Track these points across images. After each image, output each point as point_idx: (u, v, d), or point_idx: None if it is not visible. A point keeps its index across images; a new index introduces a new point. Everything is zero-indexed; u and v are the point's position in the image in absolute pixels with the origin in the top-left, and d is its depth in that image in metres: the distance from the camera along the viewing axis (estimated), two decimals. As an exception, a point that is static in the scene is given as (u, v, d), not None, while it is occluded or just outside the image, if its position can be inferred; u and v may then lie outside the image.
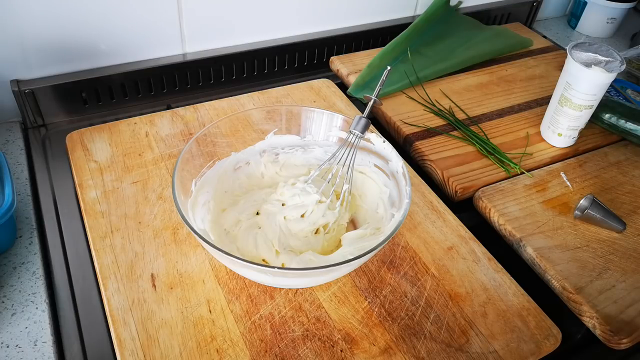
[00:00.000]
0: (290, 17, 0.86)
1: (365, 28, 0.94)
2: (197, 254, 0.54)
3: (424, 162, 0.71)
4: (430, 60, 0.87)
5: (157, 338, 0.47)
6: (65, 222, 0.60)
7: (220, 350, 0.46)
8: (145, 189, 0.61)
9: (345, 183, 0.57)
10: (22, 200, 0.62)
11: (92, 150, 0.65)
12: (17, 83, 0.70)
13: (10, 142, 0.71)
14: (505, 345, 0.49)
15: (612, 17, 1.10)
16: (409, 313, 0.51)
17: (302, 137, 0.62)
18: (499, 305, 0.52)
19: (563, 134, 0.73)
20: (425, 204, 0.63)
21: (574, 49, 0.68)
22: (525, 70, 0.92)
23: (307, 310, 0.50)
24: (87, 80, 0.74)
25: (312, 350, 0.47)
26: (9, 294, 0.52)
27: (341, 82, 0.86)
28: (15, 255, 0.56)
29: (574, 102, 0.69)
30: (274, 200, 0.56)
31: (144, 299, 0.50)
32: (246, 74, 0.87)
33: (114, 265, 0.52)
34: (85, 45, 0.73)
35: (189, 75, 0.81)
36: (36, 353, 0.48)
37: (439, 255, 0.57)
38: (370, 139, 0.59)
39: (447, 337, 0.49)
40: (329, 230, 0.55)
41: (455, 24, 0.96)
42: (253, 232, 0.53)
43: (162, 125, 0.70)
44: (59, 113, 0.75)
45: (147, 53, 0.78)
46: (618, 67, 0.65)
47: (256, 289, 0.52)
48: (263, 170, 0.62)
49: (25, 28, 0.68)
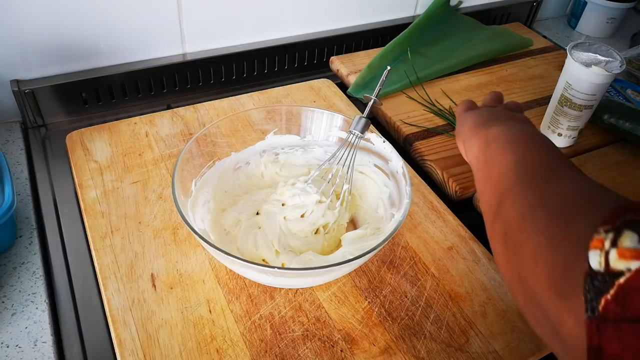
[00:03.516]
0: (290, 17, 0.86)
1: (365, 28, 0.94)
2: (197, 254, 0.54)
3: (424, 162, 0.71)
4: (430, 60, 0.87)
5: (157, 338, 0.47)
6: (65, 222, 0.60)
7: (220, 350, 0.46)
8: (145, 189, 0.61)
9: (345, 183, 0.57)
10: (22, 200, 0.62)
11: (92, 150, 0.65)
12: (17, 83, 0.70)
13: (10, 142, 0.71)
14: (505, 345, 0.49)
15: (612, 17, 1.10)
16: (409, 313, 0.51)
17: (302, 137, 0.62)
18: (499, 305, 0.52)
19: (563, 134, 0.73)
20: (425, 204, 0.63)
21: (574, 49, 0.68)
22: (525, 70, 0.92)
23: (307, 310, 0.50)
24: (87, 80, 0.74)
25: (312, 350, 0.47)
26: (9, 294, 0.52)
27: (341, 82, 0.86)
28: (15, 255, 0.56)
29: (574, 102, 0.69)
30: (274, 200, 0.56)
31: (144, 299, 0.50)
32: (246, 74, 0.87)
33: (114, 265, 0.52)
34: (85, 45, 0.73)
35: (189, 75, 0.81)
36: (36, 353, 0.48)
37: (439, 255, 0.57)
38: (370, 139, 0.59)
39: (447, 337, 0.49)
40: (329, 230, 0.55)
41: (455, 24, 0.96)
42: (253, 232, 0.53)
43: (162, 125, 0.70)
44: (59, 113, 0.75)
45: (147, 53, 0.78)
46: (618, 67, 0.65)
47: (256, 289, 0.52)
48: (263, 170, 0.62)
49: (25, 28, 0.68)
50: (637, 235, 0.23)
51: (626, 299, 0.22)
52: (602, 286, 0.24)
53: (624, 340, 0.22)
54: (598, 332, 0.23)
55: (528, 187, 0.37)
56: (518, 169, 0.39)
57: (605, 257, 0.24)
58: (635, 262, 0.23)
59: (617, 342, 0.22)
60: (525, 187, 0.37)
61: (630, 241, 0.23)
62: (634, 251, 0.23)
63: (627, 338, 0.22)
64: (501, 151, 0.42)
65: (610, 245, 0.24)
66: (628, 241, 0.24)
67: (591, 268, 0.25)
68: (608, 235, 0.24)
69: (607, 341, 0.23)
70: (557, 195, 0.34)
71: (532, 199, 0.35)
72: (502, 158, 0.41)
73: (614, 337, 0.23)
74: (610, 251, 0.24)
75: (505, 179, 0.39)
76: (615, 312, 0.23)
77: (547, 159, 0.40)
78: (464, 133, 0.51)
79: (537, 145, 0.42)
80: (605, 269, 0.24)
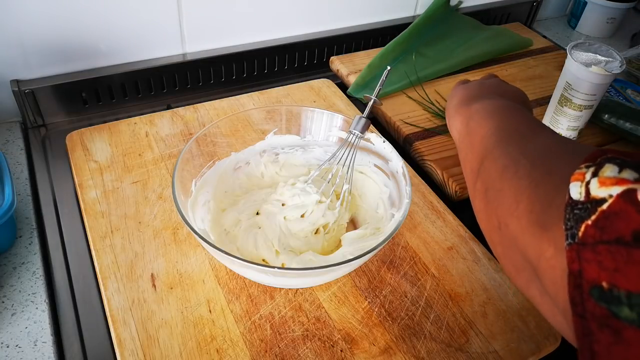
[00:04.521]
0: (290, 17, 0.86)
1: (365, 28, 0.94)
2: (197, 254, 0.54)
3: (423, 162, 0.71)
4: (430, 60, 0.87)
5: (157, 338, 0.47)
6: (65, 222, 0.60)
7: (220, 350, 0.46)
8: (145, 189, 0.61)
9: (345, 183, 0.57)
10: (22, 200, 0.62)
11: (92, 150, 0.65)
12: (17, 83, 0.70)
13: (10, 142, 0.71)
14: (505, 345, 0.49)
15: (612, 17, 1.10)
16: (409, 313, 0.51)
17: (302, 137, 0.62)
18: (499, 305, 0.52)
19: (563, 134, 0.73)
20: (425, 204, 0.63)
21: (574, 49, 0.68)
22: (525, 70, 0.92)
23: (307, 310, 0.50)
24: (87, 80, 0.74)
25: (312, 350, 0.47)
26: (9, 294, 0.52)
27: (341, 82, 0.86)
28: (15, 255, 0.56)
29: (574, 102, 0.69)
30: (274, 200, 0.56)
31: (144, 299, 0.50)
32: (246, 74, 0.87)
33: (114, 265, 0.52)
34: (85, 45, 0.73)
35: (189, 75, 0.81)
36: (36, 353, 0.48)
37: (439, 255, 0.57)
38: (370, 139, 0.59)
39: (447, 337, 0.49)
40: (329, 230, 0.55)
41: (455, 24, 0.96)
42: (253, 232, 0.53)
43: (162, 125, 0.70)
44: (59, 113, 0.75)
45: (147, 53, 0.78)
46: (618, 67, 0.65)
47: (256, 289, 0.52)
48: (263, 170, 0.62)
49: (25, 28, 0.68)
50: (618, 167, 0.24)
51: (606, 223, 0.23)
52: (582, 213, 0.24)
53: (601, 262, 0.22)
54: (578, 258, 0.24)
55: (509, 144, 0.38)
56: (498, 132, 0.40)
57: (585, 187, 0.24)
58: (616, 187, 0.23)
59: (595, 264, 0.23)
60: (506, 144, 0.38)
61: (611, 171, 0.24)
62: (614, 179, 0.23)
63: (604, 260, 0.22)
64: (482, 121, 0.44)
65: (592, 176, 0.24)
66: (609, 171, 0.24)
67: (571, 198, 0.25)
68: (589, 169, 0.25)
69: (585, 264, 0.23)
70: (539, 146, 0.35)
71: (514, 152, 0.36)
72: (483, 127, 0.43)
73: (592, 260, 0.23)
74: (591, 181, 0.24)
75: (486, 143, 0.40)
76: (594, 236, 0.23)
77: (527, 123, 0.41)
78: (450, 110, 0.52)
79: (516, 113, 0.43)
80: (585, 198, 0.24)
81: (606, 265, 0.22)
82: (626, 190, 0.22)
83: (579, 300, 0.23)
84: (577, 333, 0.24)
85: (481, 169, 0.39)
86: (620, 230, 0.22)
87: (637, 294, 0.21)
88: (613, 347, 0.22)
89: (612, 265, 0.22)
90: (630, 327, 0.21)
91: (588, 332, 0.23)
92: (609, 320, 0.22)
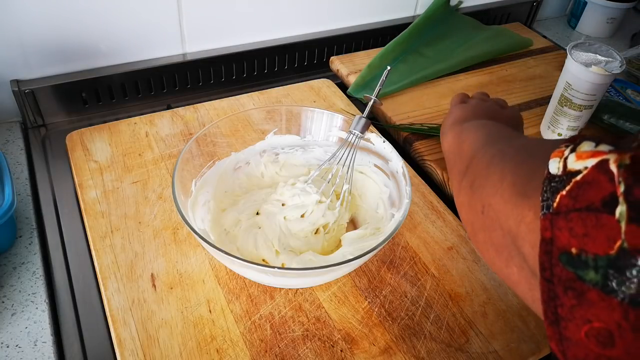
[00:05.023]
0: (290, 17, 0.86)
1: (365, 28, 0.94)
2: (197, 254, 0.54)
3: (423, 162, 0.71)
4: (430, 60, 0.87)
5: (157, 338, 0.47)
6: (65, 222, 0.60)
7: (220, 350, 0.46)
8: (145, 189, 0.61)
9: (345, 183, 0.57)
10: (22, 200, 0.62)
11: (92, 150, 0.65)
12: (17, 83, 0.70)
13: (10, 142, 0.71)
14: (505, 345, 0.49)
15: (612, 17, 1.10)
16: (409, 313, 0.51)
17: (302, 137, 0.62)
18: (499, 305, 0.52)
19: (563, 134, 0.73)
20: (425, 204, 0.63)
21: (574, 49, 0.68)
22: (525, 70, 0.92)
23: (307, 310, 0.50)
24: (87, 80, 0.74)
25: (312, 350, 0.47)
26: (9, 294, 0.52)
27: (341, 82, 0.86)
28: (15, 255, 0.56)
29: (573, 102, 0.69)
30: (274, 200, 0.56)
31: (144, 299, 0.50)
32: (246, 74, 0.87)
33: (114, 265, 0.52)
34: (85, 45, 0.73)
35: (189, 75, 0.81)
36: (36, 353, 0.48)
37: (439, 255, 0.57)
38: (370, 139, 0.59)
39: (447, 337, 0.49)
40: (329, 230, 0.55)
41: (455, 24, 0.96)
42: (253, 232, 0.53)
43: (162, 125, 0.70)
44: (59, 113, 0.75)
45: (147, 53, 0.78)
46: (618, 67, 0.65)
47: (256, 289, 0.52)
48: (263, 170, 0.62)
49: (25, 28, 0.68)
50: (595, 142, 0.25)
51: (579, 192, 0.23)
52: (558, 185, 0.25)
53: (572, 229, 0.23)
54: (551, 226, 0.24)
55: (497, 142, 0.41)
56: (486, 137, 0.44)
57: (563, 162, 0.25)
58: (591, 159, 0.24)
59: (566, 231, 0.24)
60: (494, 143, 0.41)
61: (588, 146, 0.25)
62: (590, 152, 0.24)
63: (574, 226, 0.23)
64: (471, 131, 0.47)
65: (570, 152, 0.25)
66: (586, 146, 0.25)
67: (550, 173, 0.26)
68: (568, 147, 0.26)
69: (557, 232, 0.24)
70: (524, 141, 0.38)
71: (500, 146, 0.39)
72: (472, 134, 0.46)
73: (564, 227, 0.24)
74: (569, 156, 0.25)
75: (475, 146, 0.43)
76: (567, 205, 0.24)
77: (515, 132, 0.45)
78: (444, 128, 0.55)
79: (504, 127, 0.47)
80: (562, 172, 0.25)
81: (577, 231, 0.23)
82: (600, 161, 0.23)
83: (547, 266, 0.24)
84: (543, 297, 0.25)
85: (469, 167, 0.41)
86: (591, 198, 0.23)
87: (603, 257, 0.22)
88: (576, 308, 0.23)
89: (581, 231, 0.23)
90: (593, 289, 0.22)
91: (554, 295, 0.24)
92: (574, 284, 0.23)
